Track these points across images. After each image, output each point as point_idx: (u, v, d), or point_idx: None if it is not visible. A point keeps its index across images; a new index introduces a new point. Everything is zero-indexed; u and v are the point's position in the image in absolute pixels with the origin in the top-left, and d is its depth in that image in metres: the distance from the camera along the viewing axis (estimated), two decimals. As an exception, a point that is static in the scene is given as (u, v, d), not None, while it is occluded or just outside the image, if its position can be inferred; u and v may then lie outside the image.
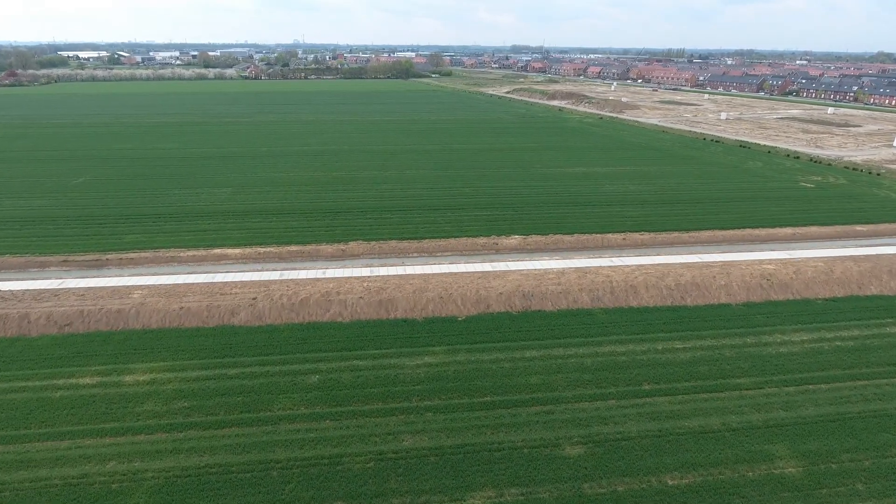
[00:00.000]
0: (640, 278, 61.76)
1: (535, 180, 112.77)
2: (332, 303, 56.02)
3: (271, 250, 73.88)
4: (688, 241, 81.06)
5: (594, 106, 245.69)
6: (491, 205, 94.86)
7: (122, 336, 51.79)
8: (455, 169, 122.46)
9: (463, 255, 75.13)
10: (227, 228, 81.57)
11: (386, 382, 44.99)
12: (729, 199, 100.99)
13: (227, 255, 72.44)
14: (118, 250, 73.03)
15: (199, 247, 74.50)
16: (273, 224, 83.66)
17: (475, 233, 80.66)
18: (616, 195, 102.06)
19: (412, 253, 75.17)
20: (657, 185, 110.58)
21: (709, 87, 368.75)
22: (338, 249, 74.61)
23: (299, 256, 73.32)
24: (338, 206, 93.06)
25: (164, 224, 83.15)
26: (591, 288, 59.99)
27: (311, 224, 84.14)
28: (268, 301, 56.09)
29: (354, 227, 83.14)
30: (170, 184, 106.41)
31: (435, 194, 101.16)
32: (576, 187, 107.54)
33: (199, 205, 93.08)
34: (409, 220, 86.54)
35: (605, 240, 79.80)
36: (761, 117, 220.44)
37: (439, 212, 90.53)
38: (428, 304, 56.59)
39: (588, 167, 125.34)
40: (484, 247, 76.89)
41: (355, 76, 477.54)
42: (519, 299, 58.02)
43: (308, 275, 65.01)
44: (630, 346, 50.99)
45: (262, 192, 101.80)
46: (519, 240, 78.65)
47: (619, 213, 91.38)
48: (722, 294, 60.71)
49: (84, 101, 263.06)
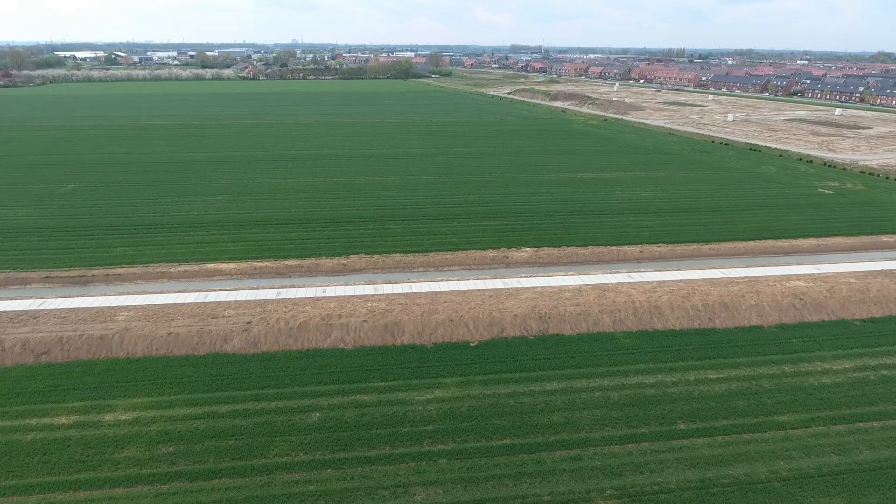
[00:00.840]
0: (665, 298, 57.48)
1: (543, 186, 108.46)
2: (334, 327, 51.70)
3: (268, 265, 69.52)
4: (708, 253, 76.87)
5: (598, 107, 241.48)
6: (498, 213, 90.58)
7: (105, 366, 47.42)
8: (459, 174, 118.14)
9: (471, 270, 70.88)
10: (221, 240, 77.19)
11: (393, 422, 40.67)
12: (746, 206, 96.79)
13: (221, 271, 68.09)
14: (105, 265, 68.64)
15: (192, 261, 70.13)
16: (270, 235, 79.30)
17: (484, 245, 76.36)
18: (629, 203, 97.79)
19: (417, 267, 70.87)
20: (670, 191, 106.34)
21: (712, 88, 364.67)
22: (338, 264, 70.28)
23: (298, 271, 69.00)
24: (338, 215, 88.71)
25: (154, 235, 78.74)
26: (613, 309, 55.71)
27: (310, 235, 79.80)
28: (263, 325, 51.74)
29: (356, 238, 78.82)
30: (163, 191, 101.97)
31: (439, 202, 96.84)
32: (586, 194, 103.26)
33: (193, 214, 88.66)
34: (413, 230, 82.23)
35: (621, 252, 75.56)
36: (768, 119, 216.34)
37: (444, 221, 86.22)
38: (437, 328, 52.29)
39: (597, 172, 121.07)
40: (493, 260, 72.62)
41: (354, 76, 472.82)
42: (535, 322, 53.74)
43: (307, 293, 60.68)
44: (659, 376, 46.72)
45: (258, 199, 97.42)
46: (530, 253, 74.38)
47: (634, 222, 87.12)
48: (753, 315, 56.47)
49: (78, 103, 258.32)
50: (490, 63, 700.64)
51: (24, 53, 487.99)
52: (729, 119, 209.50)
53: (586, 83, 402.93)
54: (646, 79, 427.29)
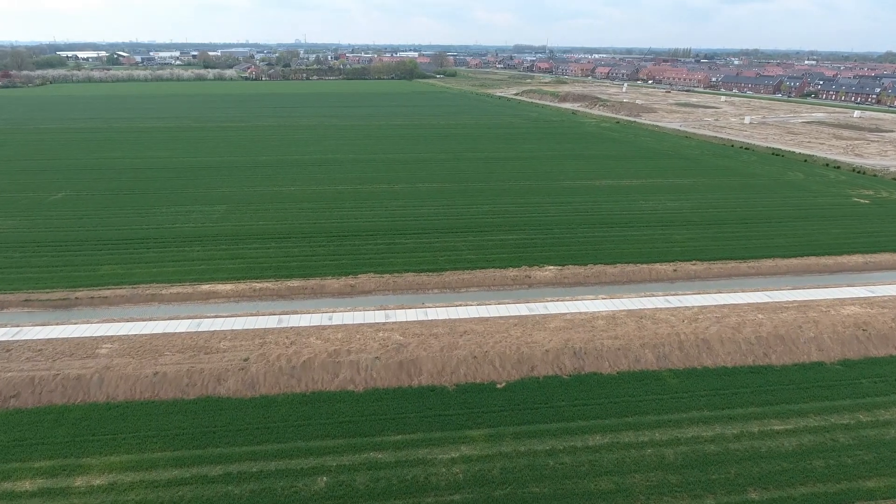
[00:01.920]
0: (713, 329, 51.23)
1: (560, 195, 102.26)
2: (342, 365, 45.63)
3: (268, 286, 63.49)
4: (747, 272, 70.64)
5: (609, 109, 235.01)
6: (516, 225, 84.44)
7: (80, 413, 41.42)
8: (471, 181, 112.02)
9: (491, 291, 64.77)
10: (218, 257, 71.19)
11: (414, 489, 34.59)
12: (780, 217, 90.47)
13: (217, 293, 62.08)
14: (91, 286, 62.71)
15: (185, 281, 64.16)
16: (271, 251, 73.29)
17: (503, 262, 70.22)
18: (654, 213, 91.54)
19: (432, 289, 64.77)
20: (696, 200, 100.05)
21: (723, 89, 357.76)
22: (346, 285, 64.22)
23: (301, 293, 62.95)
24: (344, 227, 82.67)
25: (146, 251, 72.79)
26: (655, 342, 49.53)
27: (314, 251, 73.76)
28: (262, 363, 45.69)
29: (363, 254, 72.76)
30: (157, 200, 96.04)
31: (452, 212, 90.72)
32: (607, 203, 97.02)
33: (189, 226, 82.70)
34: (425, 244, 76.15)
35: (652, 271, 69.36)
36: (786, 121, 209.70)
37: (459, 235, 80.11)
38: (459, 367, 46.18)
39: (616, 179, 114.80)
40: (515, 281, 66.48)
41: (358, 76, 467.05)
42: (569, 358, 47.59)
43: (312, 320, 54.63)
44: (717, 427, 40.52)
45: (259, 210, 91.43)
46: (554, 272, 68.23)
47: (663, 236, 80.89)
48: (812, 349, 50.24)
49: (77, 104, 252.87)
50: (495, 63, 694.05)
51: (25, 53, 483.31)
52: (746, 121, 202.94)
53: (594, 84, 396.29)
54: (654, 79, 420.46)
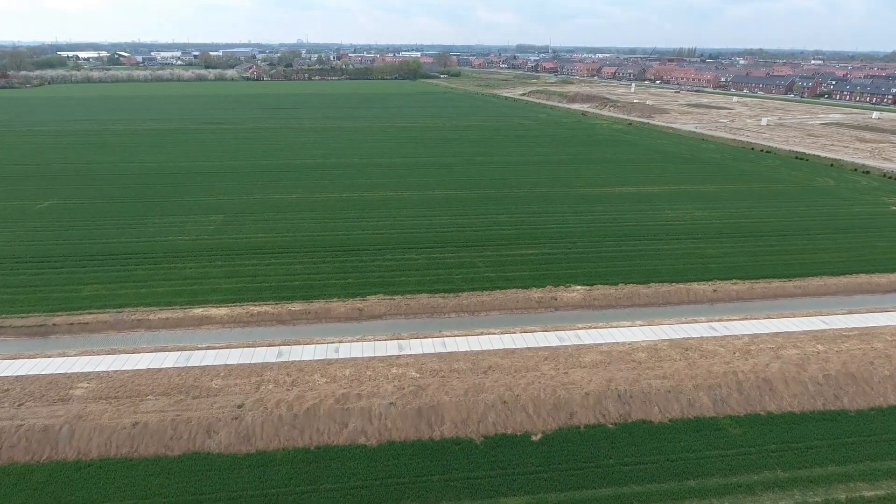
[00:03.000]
0: (774, 368, 44.86)
1: (580, 203, 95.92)
2: (352, 413, 39.37)
3: (267, 310, 57.27)
4: (794, 292, 64.24)
5: (620, 110, 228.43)
6: (535, 238, 78.15)
7: (45, 474, 35.23)
8: (483, 188, 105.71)
9: (514, 315, 58.50)
10: (212, 275, 64.98)
11: (442, 582, 28.33)
12: (818, 229, 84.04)
13: (210, 318, 55.88)
14: (71, 310, 56.56)
15: (176, 304, 57.97)
16: (270, 268, 67.06)
17: (525, 281, 63.91)
18: (682, 224, 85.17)
19: (449, 312, 58.50)
20: (725, 209, 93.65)
21: (733, 89, 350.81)
22: (353, 308, 57.96)
23: (303, 318, 56.72)
24: (349, 241, 76.44)
25: (135, 268, 66.62)
26: (710, 383, 43.18)
27: (317, 268, 67.52)
28: (259, 410, 39.44)
29: (371, 271, 66.52)
30: (151, 209, 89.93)
31: (465, 223, 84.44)
32: (631, 213, 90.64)
33: (182, 239, 76.54)
34: (438, 261, 69.87)
35: (690, 292, 63.00)
36: (803, 123, 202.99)
37: (474, 249, 73.83)
38: (487, 413, 39.90)
39: (637, 186, 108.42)
40: (540, 303, 60.16)
41: (361, 77, 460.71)
42: (613, 403, 41.29)
43: (316, 352, 48.49)
44: (797, 493, 34.20)
45: (258, 220, 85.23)
46: (582, 292, 61.90)
47: (695, 250, 74.53)
48: (889, 390, 43.86)
49: (73, 105, 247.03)
50: (498, 63, 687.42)
51: (23, 53, 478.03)
52: (762, 123, 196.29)
53: (601, 84, 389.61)
54: (662, 79, 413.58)
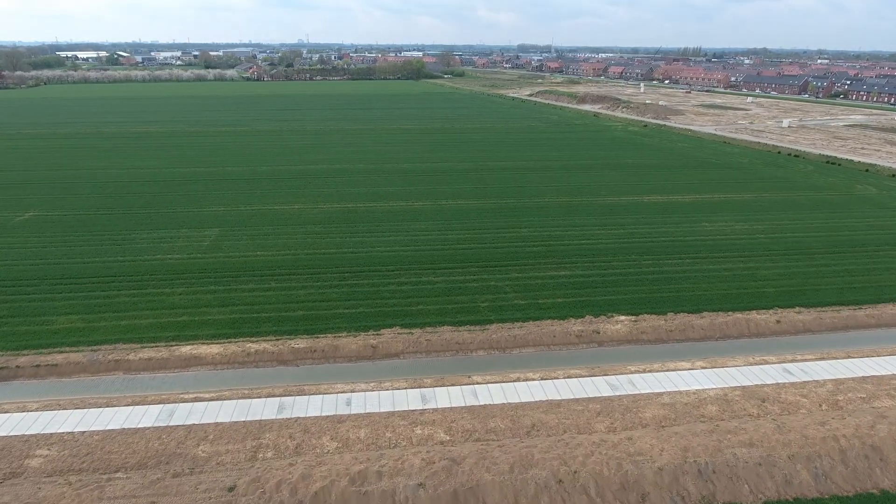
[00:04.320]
0: (882, 431, 36.89)
1: (606, 214, 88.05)
2: (371, 498, 31.47)
3: (266, 348, 49.44)
4: (867, 322, 56.28)
5: (634, 111, 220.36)
6: (564, 256, 70.28)
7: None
8: (501, 197, 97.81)
9: (552, 352, 50.67)
10: (204, 302, 57.14)
11: None
12: (875, 244, 76.10)
13: (200, 358, 48.06)
14: (39, 347, 48.83)
15: (161, 340, 50.18)
16: (270, 294, 59.20)
17: (560, 310, 56.01)
18: (725, 239, 77.26)
19: (476, 349, 50.66)
20: (767, 221, 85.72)
21: (744, 89, 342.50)
22: (365, 345, 50.11)
23: (308, 358, 48.90)
24: (358, 259, 68.62)
25: (117, 293, 58.81)
26: (807, 452, 35.26)
27: (323, 293, 59.67)
28: (255, 494, 31.51)
29: (384, 297, 58.65)
30: (139, 222, 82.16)
31: (485, 238, 76.58)
32: (665, 226, 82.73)
33: (173, 257, 68.75)
34: (459, 284, 62.00)
35: (750, 323, 55.07)
36: (825, 124, 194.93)
37: (498, 269, 65.95)
38: (539, 497, 32.00)
39: (666, 195, 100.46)
40: (580, 338, 52.29)
41: (363, 77, 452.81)
42: (693, 480, 33.40)
43: (324, 405, 40.77)
44: None
45: (257, 235, 77.45)
46: (627, 324, 54.01)
47: (745, 270, 66.61)
48: None
49: (68, 106, 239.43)
50: (502, 63, 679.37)
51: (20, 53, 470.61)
52: (784, 125, 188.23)
53: (608, 84, 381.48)
54: (671, 79, 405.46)
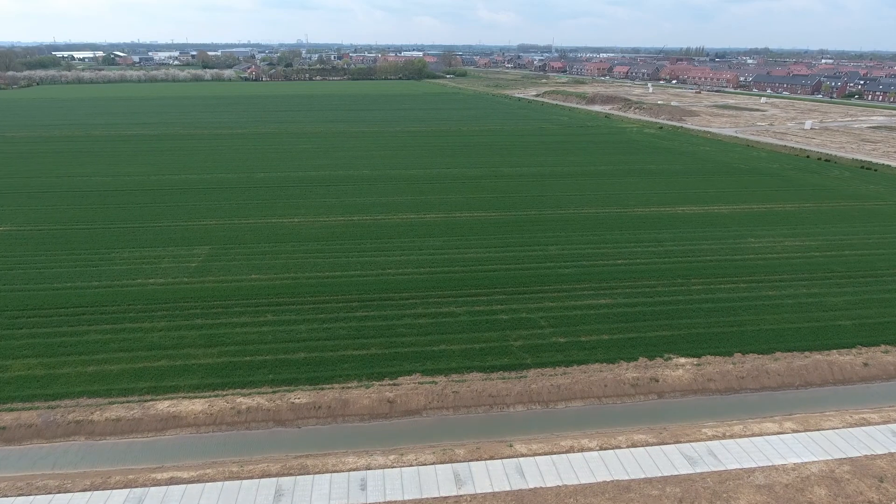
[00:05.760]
0: None
1: (639, 228, 79.53)
2: None
3: (261, 403, 40.83)
4: (969, 364, 47.79)
5: (646, 112, 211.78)
6: (601, 279, 61.70)
7: None
8: (520, 207, 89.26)
9: (604, 406, 42.17)
10: (188, 341, 48.52)
11: None
12: (947, 264, 67.70)
13: (180, 419, 39.47)
14: (-15, 403, 40.25)
15: (134, 392, 41.62)
16: (266, 330, 50.61)
17: (608, 352, 47.46)
18: (777, 259, 68.70)
19: (514, 404, 42.09)
20: (819, 235, 77.23)
21: (755, 89, 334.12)
22: (380, 399, 41.53)
23: (311, 417, 40.32)
24: (367, 284, 60.01)
25: (86, 329, 50.21)
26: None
27: (328, 329, 51.04)
28: None
29: (400, 335, 50.07)
30: (121, 237, 73.57)
31: (509, 258, 67.99)
32: (707, 242, 74.21)
33: (155, 282, 60.10)
34: (485, 317, 53.40)
35: (833, 366, 46.55)
36: (848, 126, 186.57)
37: (529, 298, 57.27)
38: None
39: (701, 205, 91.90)
40: (636, 387, 43.73)
41: (364, 77, 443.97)
42: None
43: (333, 491, 32.51)
44: None
45: (252, 253, 68.86)
46: (690, 370, 45.46)
47: (811, 298, 58.04)
48: None
49: (58, 108, 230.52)
50: (503, 63, 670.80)
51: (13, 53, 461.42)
52: (806, 127, 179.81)
53: (615, 84, 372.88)
54: (678, 79, 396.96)
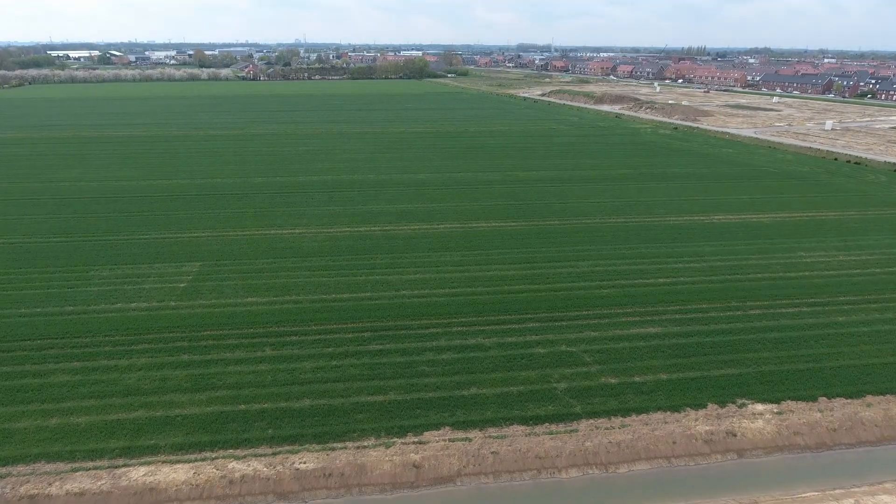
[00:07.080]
0: None
1: (676, 240, 72.22)
2: None
3: (258, 469, 33.37)
4: None
5: (659, 112, 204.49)
6: (645, 302, 54.36)
7: None
8: (541, 216, 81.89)
9: (673, 466, 34.79)
10: (172, 384, 41.03)
11: None
12: None
13: (159, 490, 31.98)
14: (-81, 470, 32.75)
15: (102, 456, 34.18)
16: (264, 368, 43.13)
17: (670, 396, 40.11)
18: (835, 276, 61.34)
19: (566, 467, 34.67)
20: (873, 248, 70.00)
21: (763, 88, 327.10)
22: (404, 463, 34.08)
23: (321, 488, 32.85)
24: (379, 309, 52.57)
25: (53, 368, 42.71)
26: None
27: (338, 367, 43.58)
28: None
29: (422, 375, 42.64)
30: (101, 252, 66.02)
31: (536, 276, 60.57)
32: (752, 256, 66.85)
33: (137, 306, 52.55)
34: (519, 350, 46.03)
35: (939, 414, 39.23)
36: (870, 126, 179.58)
37: (566, 326, 49.89)
38: None
39: (737, 213, 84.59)
40: (710, 444, 36.34)
41: (364, 76, 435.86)
42: None
43: None
44: None
45: (248, 271, 61.36)
46: (771, 419, 38.09)
47: (888, 325, 50.72)
48: None
49: (48, 107, 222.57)
50: (504, 62, 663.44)
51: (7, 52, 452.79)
52: (827, 127, 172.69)
53: (620, 83, 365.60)
54: (684, 78, 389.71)
